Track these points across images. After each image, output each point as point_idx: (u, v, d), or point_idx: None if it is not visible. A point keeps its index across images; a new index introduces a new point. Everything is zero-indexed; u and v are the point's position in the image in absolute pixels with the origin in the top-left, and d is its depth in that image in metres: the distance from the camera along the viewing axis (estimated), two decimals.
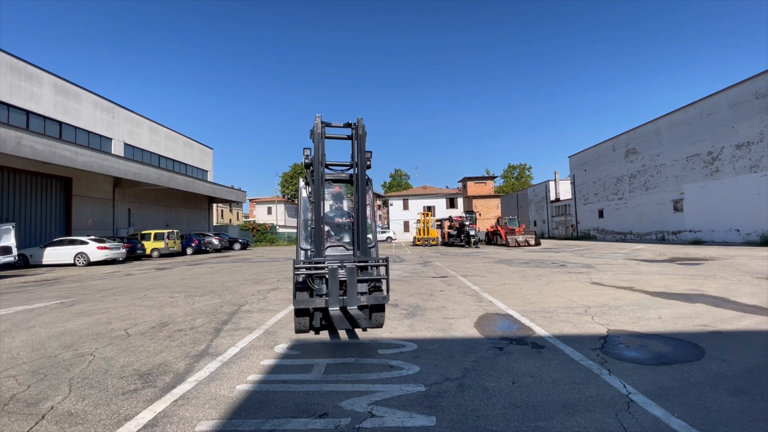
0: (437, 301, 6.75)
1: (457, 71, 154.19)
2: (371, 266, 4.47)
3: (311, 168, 4.75)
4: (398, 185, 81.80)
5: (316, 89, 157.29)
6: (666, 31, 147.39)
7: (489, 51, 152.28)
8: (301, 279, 4.40)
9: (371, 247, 4.89)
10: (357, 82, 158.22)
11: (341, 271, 4.27)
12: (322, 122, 4.63)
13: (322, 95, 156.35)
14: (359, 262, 4.36)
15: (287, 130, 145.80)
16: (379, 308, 4.80)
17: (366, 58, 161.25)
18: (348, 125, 4.86)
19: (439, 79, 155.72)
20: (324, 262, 4.27)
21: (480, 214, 46.58)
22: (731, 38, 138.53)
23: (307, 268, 4.21)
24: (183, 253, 25.63)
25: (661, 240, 28.05)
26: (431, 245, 32.74)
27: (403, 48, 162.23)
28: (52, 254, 17.52)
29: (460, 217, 32.13)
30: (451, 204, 53.52)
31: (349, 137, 4.94)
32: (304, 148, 4.79)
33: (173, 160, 33.54)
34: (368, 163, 4.82)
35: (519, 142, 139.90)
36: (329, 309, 4.15)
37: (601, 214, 36.33)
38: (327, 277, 4.16)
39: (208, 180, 37.47)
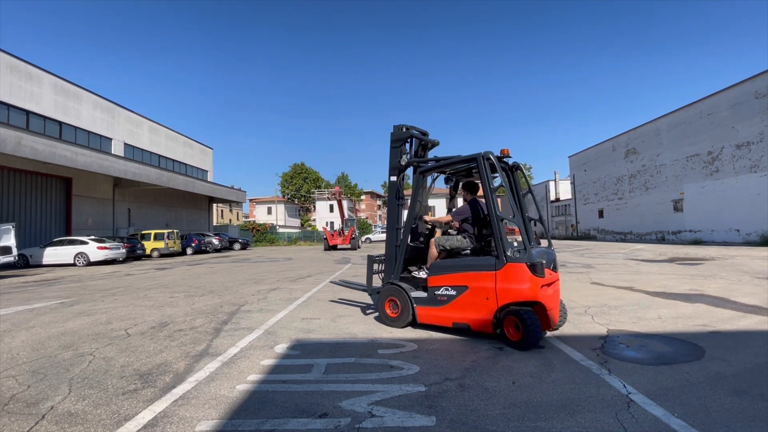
0: None
1: (456, 71, 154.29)
2: None
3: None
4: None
5: (316, 88, 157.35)
6: (666, 30, 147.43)
7: (488, 51, 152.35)
8: None
9: None
10: (356, 82, 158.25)
11: None
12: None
13: (322, 94, 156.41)
14: None
15: (287, 130, 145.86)
16: None
17: (364, 56, 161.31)
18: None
19: (438, 80, 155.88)
20: None
21: None
22: (731, 38, 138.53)
23: None
24: (183, 253, 25.63)
25: (661, 240, 28.05)
26: None
27: (402, 47, 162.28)
28: (52, 254, 17.52)
29: None
30: None
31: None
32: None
33: (173, 160, 33.56)
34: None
35: (519, 142, 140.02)
36: None
37: (601, 214, 36.34)
38: None
39: (208, 180, 37.48)
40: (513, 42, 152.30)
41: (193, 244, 26.35)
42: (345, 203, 33.41)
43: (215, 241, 28.53)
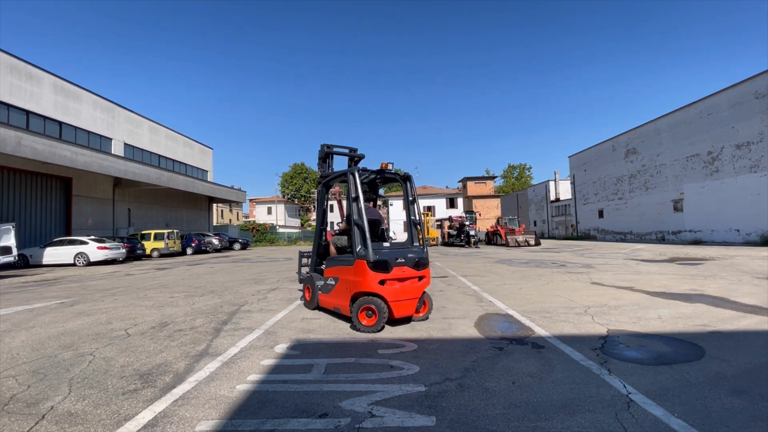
0: (437, 301, 6.74)
1: (457, 71, 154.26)
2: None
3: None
4: (398, 185, 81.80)
5: (316, 89, 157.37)
6: (666, 30, 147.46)
7: (489, 51, 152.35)
8: None
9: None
10: (357, 82, 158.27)
11: None
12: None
13: (322, 95, 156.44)
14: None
15: (287, 130, 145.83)
16: None
17: (366, 58, 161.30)
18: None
19: (439, 80, 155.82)
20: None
21: (480, 214, 46.59)
22: (731, 38, 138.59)
23: None
24: (183, 253, 25.61)
25: (661, 240, 28.05)
26: (431, 245, 32.73)
27: (403, 47, 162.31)
28: (52, 254, 17.50)
29: (460, 217, 32.13)
30: (451, 204, 53.50)
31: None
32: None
33: (173, 160, 33.53)
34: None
35: (519, 142, 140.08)
36: None
37: (601, 214, 36.33)
38: None
39: (208, 180, 37.45)
40: (514, 44, 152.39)
41: (193, 244, 26.33)
42: (345, 203, 33.39)
43: (215, 241, 28.50)
